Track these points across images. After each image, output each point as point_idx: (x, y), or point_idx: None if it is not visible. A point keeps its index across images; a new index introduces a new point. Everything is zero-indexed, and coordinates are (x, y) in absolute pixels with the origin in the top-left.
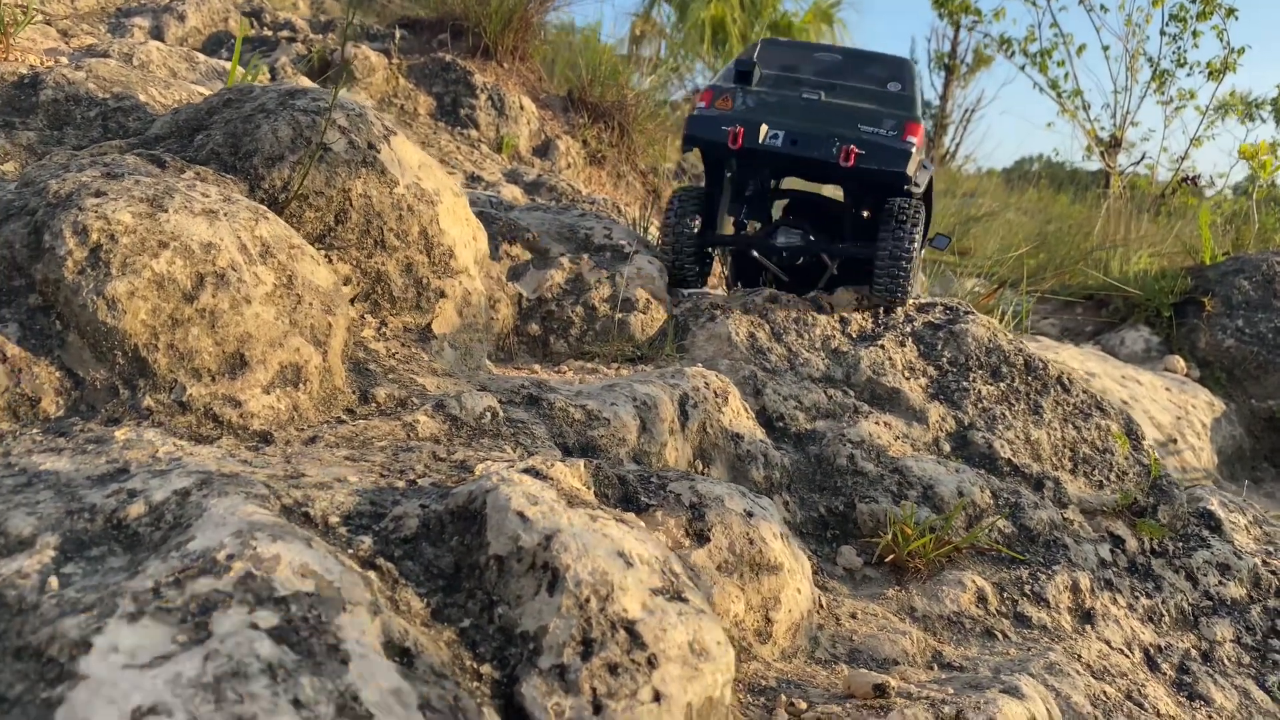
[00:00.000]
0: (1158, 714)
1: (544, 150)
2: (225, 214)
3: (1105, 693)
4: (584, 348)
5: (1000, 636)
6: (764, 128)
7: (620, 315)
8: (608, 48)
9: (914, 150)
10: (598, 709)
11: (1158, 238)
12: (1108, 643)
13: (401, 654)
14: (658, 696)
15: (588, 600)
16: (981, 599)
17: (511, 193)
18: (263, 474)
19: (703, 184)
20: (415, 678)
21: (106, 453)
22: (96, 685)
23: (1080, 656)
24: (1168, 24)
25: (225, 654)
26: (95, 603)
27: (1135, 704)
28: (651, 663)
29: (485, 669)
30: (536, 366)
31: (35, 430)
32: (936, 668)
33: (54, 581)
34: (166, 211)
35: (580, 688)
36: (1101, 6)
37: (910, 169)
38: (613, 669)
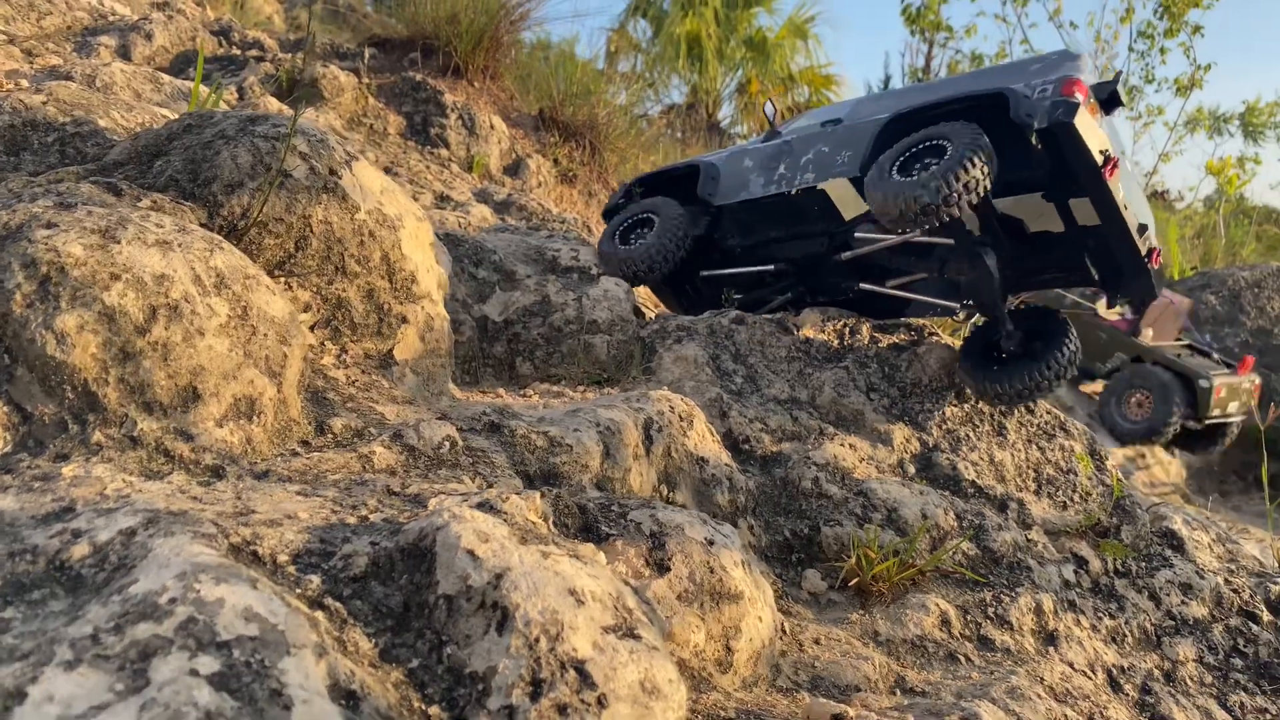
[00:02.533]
0: None
1: (515, 169)
2: (179, 244)
3: (1067, 716)
4: (550, 370)
5: (963, 660)
6: None
7: (586, 337)
8: (584, 64)
9: None
10: None
11: None
12: (1071, 664)
13: (347, 697)
14: None
15: (537, 640)
16: (945, 622)
17: (481, 212)
18: (212, 511)
19: None
20: None
21: (53, 490)
22: None
23: (1043, 679)
24: (1136, 41)
25: (162, 703)
26: (33, 650)
27: None
28: (601, 702)
29: (434, 710)
30: (501, 390)
31: None
32: (899, 693)
33: None
34: (119, 243)
35: None
36: (1071, 23)
37: None
38: (562, 709)
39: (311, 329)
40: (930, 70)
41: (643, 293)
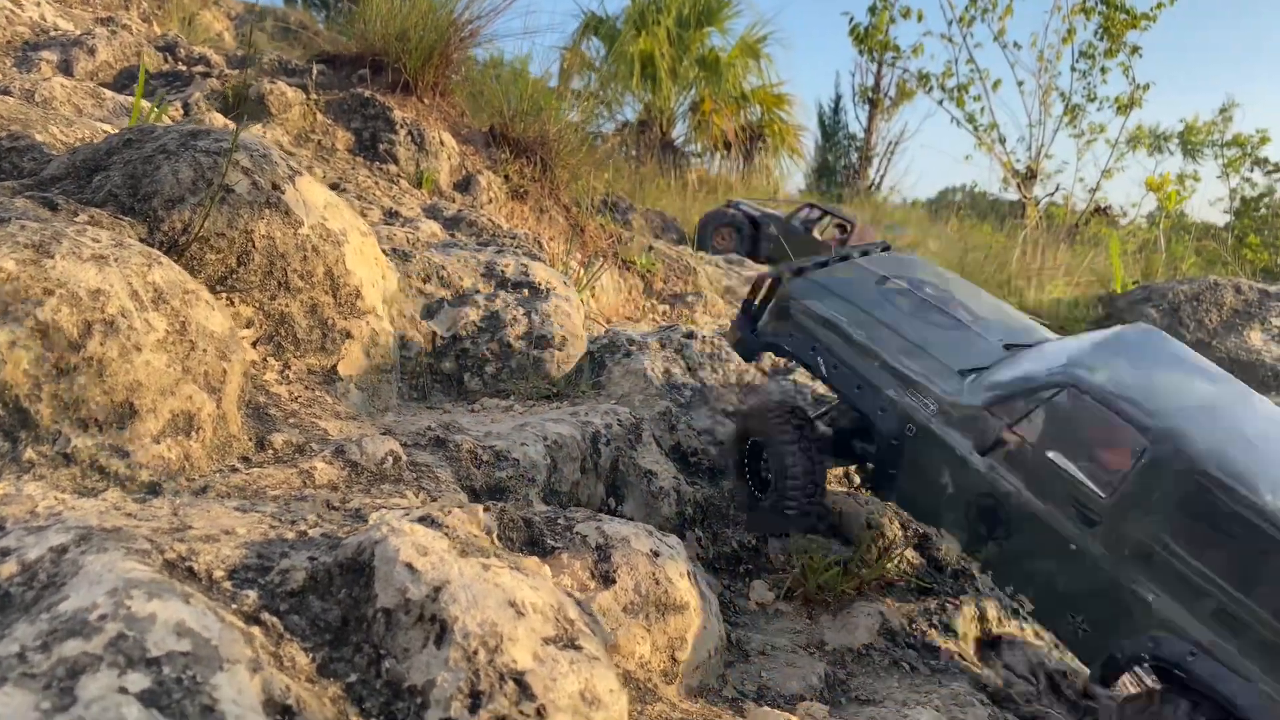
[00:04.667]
0: None
1: (465, 185)
2: (116, 259)
3: (1007, 719)
4: (500, 385)
5: (908, 668)
6: None
7: (536, 352)
8: (536, 81)
9: None
10: None
11: (1073, 266)
12: (1012, 669)
13: (283, 712)
14: None
15: (476, 652)
16: (889, 631)
17: (430, 228)
18: (147, 527)
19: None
20: None
21: None
22: None
23: (985, 686)
24: (1078, 61)
25: None
26: None
27: None
28: (541, 713)
29: None
30: (449, 405)
31: None
32: (845, 701)
33: None
34: (53, 258)
35: None
36: (1015, 44)
37: None
38: None
39: (254, 345)
40: (880, 90)
41: (619, 309)
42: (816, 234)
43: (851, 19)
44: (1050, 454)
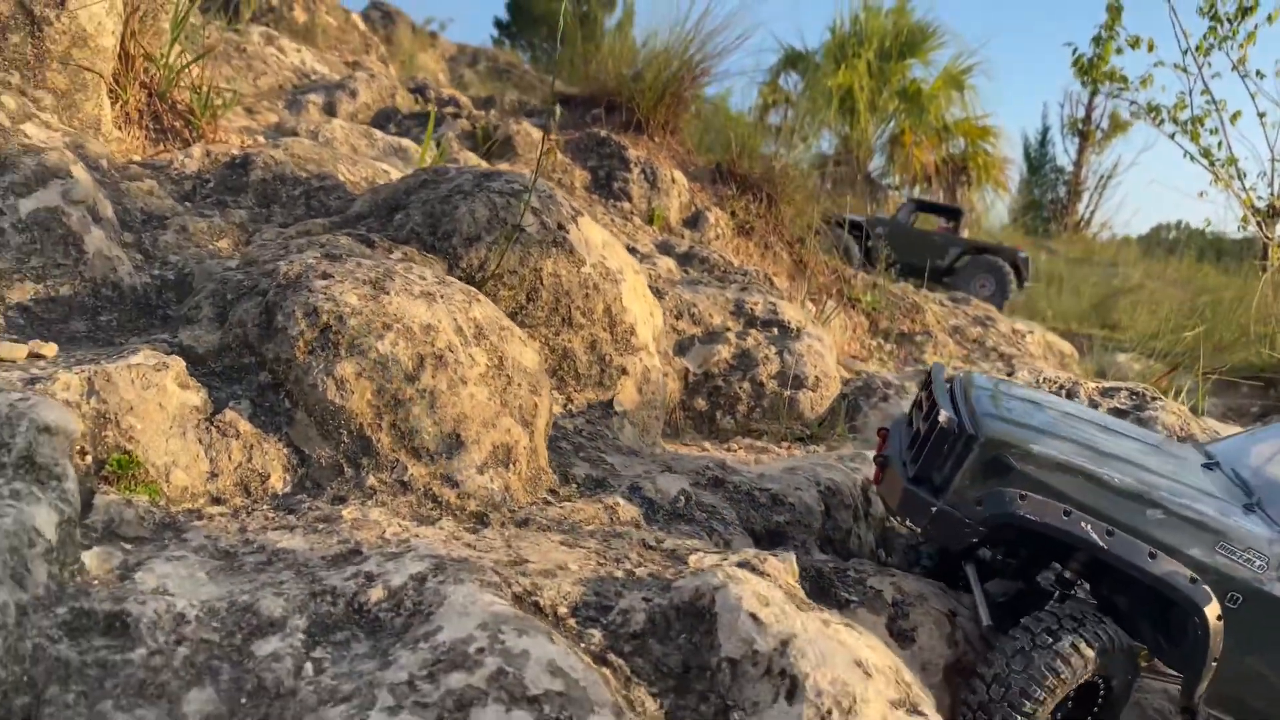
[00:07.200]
0: None
1: (693, 221)
2: (441, 296)
3: None
4: (751, 424)
5: None
6: None
7: (789, 393)
8: (741, 117)
9: None
10: None
11: None
12: None
13: None
14: None
15: (829, 712)
16: None
17: (666, 264)
18: (489, 559)
19: None
20: None
21: (337, 532)
22: None
23: None
24: None
25: None
26: (353, 693)
27: None
28: None
29: None
30: (707, 444)
31: (265, 506)
32: None
33: (309, 667)
34: (389, 294)
35: None
36: (1258, 72)
37: None
38: None
39: None
40: (1090, 121)
41: (845, 347)
42: (917, 226)
43: (1075, 50)
44: None
